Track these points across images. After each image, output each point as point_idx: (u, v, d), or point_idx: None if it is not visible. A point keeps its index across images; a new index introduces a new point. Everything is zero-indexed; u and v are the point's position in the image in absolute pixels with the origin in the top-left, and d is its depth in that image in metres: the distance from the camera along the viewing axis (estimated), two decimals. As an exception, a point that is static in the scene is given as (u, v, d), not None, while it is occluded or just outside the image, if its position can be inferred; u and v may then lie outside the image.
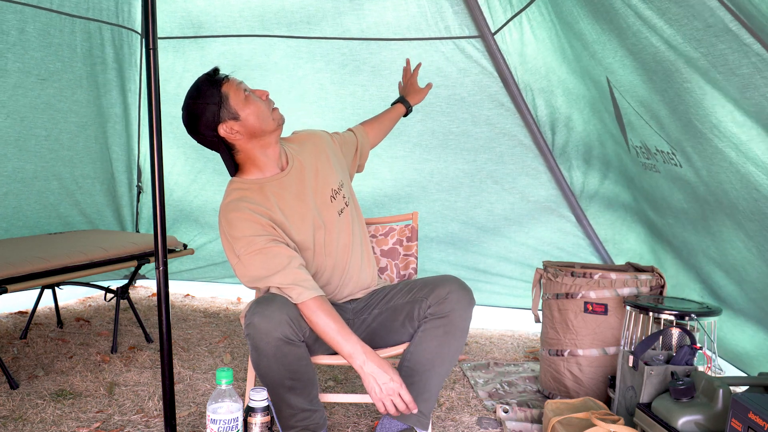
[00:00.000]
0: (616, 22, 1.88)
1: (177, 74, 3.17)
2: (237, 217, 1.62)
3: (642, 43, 1.81)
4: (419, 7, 2.77)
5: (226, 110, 1.62)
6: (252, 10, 2.94)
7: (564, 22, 2.32)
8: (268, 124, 1.65)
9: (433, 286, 1.68)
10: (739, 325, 2.16)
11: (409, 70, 2.23)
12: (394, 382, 1.52)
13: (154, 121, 1.56)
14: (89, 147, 3.23)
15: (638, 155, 2.33)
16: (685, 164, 1.98)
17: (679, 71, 1.71)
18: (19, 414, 1.99)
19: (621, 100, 2.19)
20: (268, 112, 1.65)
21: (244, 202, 1.64)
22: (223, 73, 1.67)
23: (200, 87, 1.64)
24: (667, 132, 1.97)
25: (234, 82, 1.64)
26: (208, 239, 3.64)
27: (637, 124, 2.16)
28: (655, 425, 1.55)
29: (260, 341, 1.50)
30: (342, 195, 1.80)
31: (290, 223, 1.67)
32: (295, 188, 1.72)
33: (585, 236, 3.14)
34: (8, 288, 2.10)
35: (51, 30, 2.78)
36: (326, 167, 1.81)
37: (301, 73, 3.09)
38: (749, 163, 1.64)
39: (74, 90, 3.02)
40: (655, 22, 1.69)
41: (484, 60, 2.84)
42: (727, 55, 1.48)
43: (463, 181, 3.17)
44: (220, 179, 3.49)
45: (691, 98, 1.72)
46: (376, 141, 2.11)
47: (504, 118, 2.96)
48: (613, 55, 2.03)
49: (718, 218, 1.98)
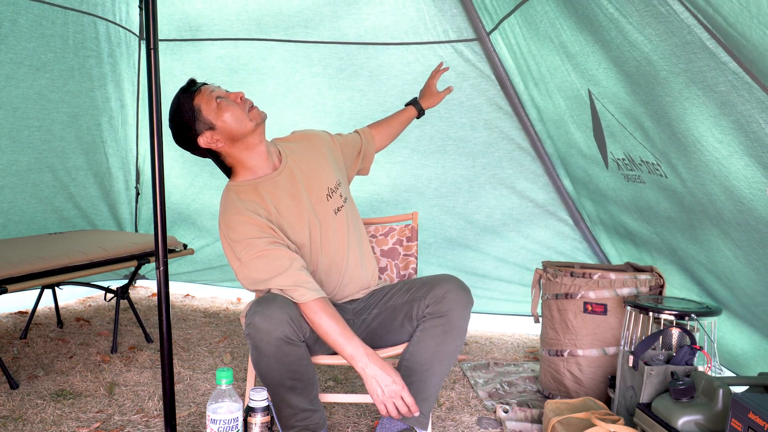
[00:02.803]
0: (600, 34, 1.88)
1: (175, 77, 3.16)
2: (235, 220, 1.62)
3: (625, 56, 1.82)
4: (417, 10, 2.77)
5: (201, 122, 1.62)
6: (249, 14, 2.93)
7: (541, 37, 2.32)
8: (245, 125, 1.64)
9: (431, 285, 1.68)
10: (736, 326, 2.16)
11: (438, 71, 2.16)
12: (397, 384, 1.52)
13: (155, 120, 1.57)
14: (81, 137, 3.22)
15: (620, 168, 2.33)
16: (670, 175, 1.98)
17: (660, 85, 1.71)
18: (19, 414, 1.99)
19: (603, 111, 2.19)
20: (243, 114, 1.63)
21: (241, 205, 1.64)
22: (199, 83, 1.66)
23: (177, 102, 1.66)
24: (652, 143, 1.97)
25: (206, 92, 1.64)
26: (206, 242, 3.64)
27: (621, 135, 2.16)
28: (655, 425, 1.55)
29: (260, 341, 1.50)
30: (339, 194, 1.80)
31: (286, 222, 1.67)
32: (289, 186, 1.72)
33: (583, 239, 3.14)
34: (8, 288, 2.10)
35: (43, 21, 2.78)
36: (323, 165, 1.80)
37: (298, 77, 3.09)
38: (731, 177, 1.64)
39: (66, 80, 3.02)
40: (635, 37, 1.69)
41: (481, 63, 2.84)
42: (705, 72, 1.48)
43: (461, 186, 3.16)
44: (217, 183, 3.49)
45: (674, 112, 1.72)
46: (382, 144, 2.09)
47: (502, 121, 2.96)
48: (597, 66, 2.03)
49: (705, 227, 1.98)
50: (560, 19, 2.10)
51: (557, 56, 2.29)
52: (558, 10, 2.09)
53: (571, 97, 2.39)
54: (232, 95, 1.65)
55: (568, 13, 2.02)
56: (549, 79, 2.49)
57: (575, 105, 2.40)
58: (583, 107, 2.35)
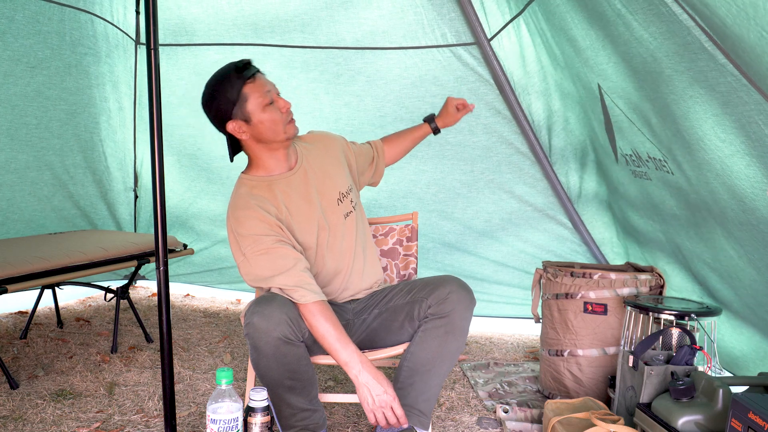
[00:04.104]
0: (608, 29, 1.88)
1: (171, 82, 3.16)
2: (245, 215, 1.62)
3: (632, 52, 1.81)
4: (416, 14, 2.75)
5: (240, 110, 1.60)
6: (245, 18, 2.92)
7: (556, 28, 2.32)
8: (278, 135, 1.64)
9: (433, 286, 1.68)
10: (736, 328, 2.16)
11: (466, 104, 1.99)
12: (388, 395, 1.52)
13: (155, 119, 1.56)
14: (79, 135, 3.22)
15: (628, 163, 2.33)
16: (676, 171, 1.98)
17: (665, 82, 1.71)
18: (19, 414, 1.99)
19: (612, 107, 2.19)
20: (281, 125, 1.63)
21: (253, 200, 1.64)
22: (254, 69, 1.62)
23: (225, 76, 1.62)
24: (659, 139, 1.97)
25: (259, 86, 1.61)
26: (204, 246, 3.63)
27: (629, 131, 2.16)
28: (655, 425, 1.55)
29: (259, 341, 1.50)
30: (350, 199, 1.79)
31: (295, 222, 1.67)
32: (302, 188, 1.71)
33: (582, 242, 3.14)
34: (8, 288, 2.10)
35: (40, 18, 2.77)
36: (336, 170, 1.80)
37: (295, 82, 3.07)
38: (733, 176, 1.64)
39: (63, 77, 3.01)
40: (641, 34, 1.69)
41: (480, 67, 2.83)
42: (707, 72, 1.49)
43: (460, 192, 3.15)
44: (214, 188, 3.49)
45: (678, 110, 1.72)
46: (392, 159, 2.05)
47: (501, 125, 2.95)
48: (607, 60, 2.03)
49: (709, 225, 1.98)
50: (571, 13, 2.10)
51: (571, 49, 2.28)
52: (569, 4, 2.08)
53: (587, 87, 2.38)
54: (280, 102, 1.64)
55: (579, 7, 2.02)
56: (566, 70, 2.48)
57: (590, 97, 2.40)
58: (595, 100, 2.34)
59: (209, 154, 3.39)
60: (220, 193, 3.50)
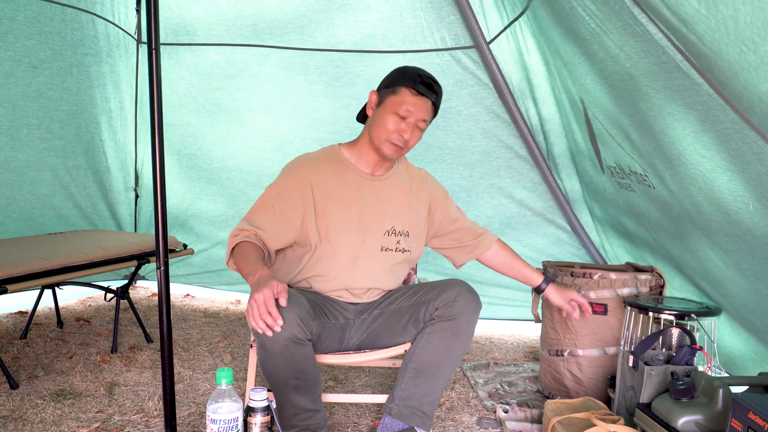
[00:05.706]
0: (584, 47, 1.88)
1: (171, 81, 3.16)
2: (289, 169, 1.74)
3: (608, 70, 1.81)
4: (415, 17, 2.74)
5: (386, 94, 1.70)
6: (245, 19, 2.91)
7: (546, 38, 2.33)
8: (375, 139, 1.71)
9: (441, 289, 1.69)
10: (735, 329, 2.16)
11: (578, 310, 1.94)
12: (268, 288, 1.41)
13: (156, 117, 1.56)
14: (80, 136, 3.21)
15: (613, 175, 2.33)
16: (658, 185, 1.98)
17: (643, 99, 1.71)
18: (19, 414, 1.99)
19: (595, 121, 2.19)
20: (384, 135, 1.68)
21: (314, 160, 1.75)
22: (429, 93, 1.67)
23: (415, 72, 1.69)
24: (640, 153, 1.97)
25: (413, 102, 1.66)
26: (203, 247, 3.63)
27: (611, 145, 2.16)
28: (655, 425, 1.55)
29: (268, 340, 1.49)
30: (399, 241, 1.79)
31: (330, 214, 1.70)
32: (365, 197, 1.73)
33: (581, 245, 3.14)
34: (8, 288, 2.10)
35: (41, 18, 2.77)
36: (410, 210, 1.81)
37: (293, 84, 3.07)
38: (716, 190, 1.64)
39: (64, 78, 3.01)
40: (616, 52, 1.68)
41: (479, 71, 2.82)
42: (683, 90, 1.48)
43: (459, 196, 3.14)
44: (213, 188, 3.49)
45: (658, 125, 1.72)
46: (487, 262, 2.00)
47: (500, 129, 2.94)
48: (584, 76, 2.03)
49: (694, 237, 1.98)
50: (552, 28, 2.10)
51: (558, 59, 2.28)
52: (549, 19, 2.08)
53: (572, 99, 2.39)
54: (402, 126, 1.68)
55: (557, 23, 2.02)
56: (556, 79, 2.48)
57: (574, 108, 2.40)
58: (579, 112, 2.35)
59: (209, 154, 3.39)
60: (220, 194, 3.50)
